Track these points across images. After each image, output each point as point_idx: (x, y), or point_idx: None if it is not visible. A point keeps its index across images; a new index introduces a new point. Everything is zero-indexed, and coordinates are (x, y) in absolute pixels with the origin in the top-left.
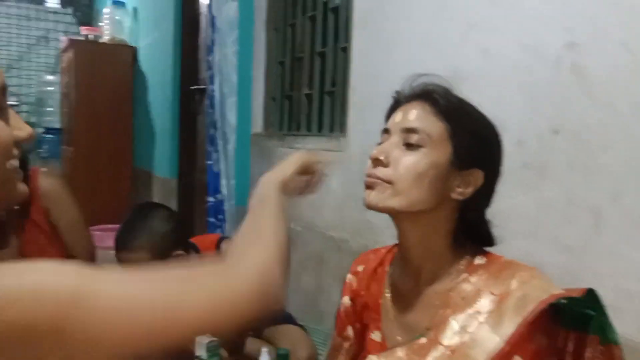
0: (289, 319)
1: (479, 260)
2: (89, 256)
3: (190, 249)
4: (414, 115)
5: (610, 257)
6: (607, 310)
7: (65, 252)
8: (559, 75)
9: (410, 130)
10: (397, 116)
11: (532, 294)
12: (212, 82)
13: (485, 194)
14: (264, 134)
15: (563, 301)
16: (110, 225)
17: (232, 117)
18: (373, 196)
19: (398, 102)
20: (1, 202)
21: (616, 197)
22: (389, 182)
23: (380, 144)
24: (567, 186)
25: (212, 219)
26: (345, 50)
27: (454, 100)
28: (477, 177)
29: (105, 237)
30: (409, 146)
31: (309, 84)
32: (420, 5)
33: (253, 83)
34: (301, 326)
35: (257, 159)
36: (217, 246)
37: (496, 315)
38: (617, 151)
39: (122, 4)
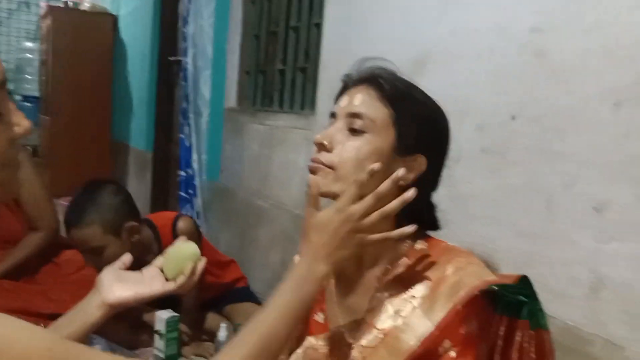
0: (249, 297)
1: (419, 245)
2: (53, 230)
3: (144, 222)
4: (359, 100)
5: (562, 244)
6: (538, 296)
7: (29, 225)
8: (524, 59)
9: (354, 115)
10: (344, 100)
11: (465, 280)
12: (185, 55)
13: (429, 179)
14: (237, 108)
15: (495, 288)
16: None
17: (206, 90)
18: (316, 180)
19: (346, 86)
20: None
21: (569, 184)
22: (331, 167)
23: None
24: (525, 172)
25: (182, 193)
26: (319, 26)
27: (400, 86)
28: (420, 162)
29: None
30: (353, 131)
31: (283, 59)
32: None
33: (228, 56)
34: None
35: (229, 133)
36: (174, 224)
37: (430, 300)
38: (572, 137)
39: None
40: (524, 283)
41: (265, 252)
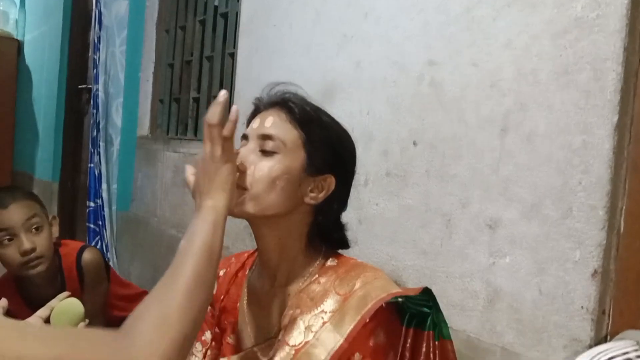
0: None
1: (330, 262)
2: None
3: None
4: (270, 122)
5: (459, 259)
6: (439, 307)
7: None
8: (420, 90)
9: (266, 137)
10: (255, 122)
11: (372, 293)
12: (96, 81)
13: (338, 198)
14: (149, 137)
15: (400, 299)
16: None
17: (117, 118)
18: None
19: (257, 109)
20: None
21: (464, 203)
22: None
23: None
24: (424, 193)
25: (91, 225)
26: (233, 55)
27: (309, 110)
28: (330, 182)
29: None
30: (265, 153)
31: (197, 87)
32: (302, 15)
33: (141, 84)
34: None
35: (141, 162)
36: (79, 255)
37: (339, 315)
38: (465, 161)
39: None
40: (426, 295)
41: None
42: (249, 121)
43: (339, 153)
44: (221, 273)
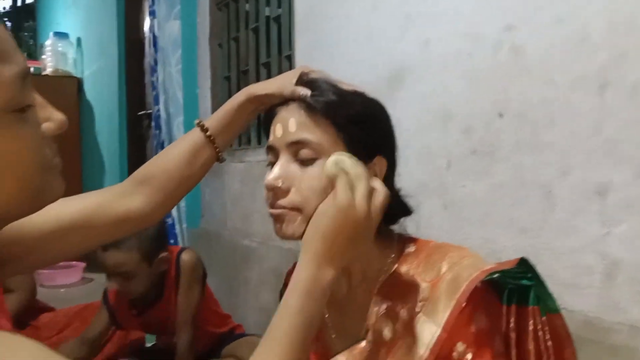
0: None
1: (408, 248)
2: (28, 292)
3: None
4: (294, 124)
5: (565, 233)
6: (542, 278)
7: (2, 287)
8: (499, 59)
9: (297, 144)
10: (278, 130)
11: (462, 274)
12: (157, 103)
13: (391, 174)
14: None
15: (495, 275)
16: (63, 264)
17: (179, 137)
18: (285, 229)
19: (271, 112)
20: (39, 203)
21: (565, 172)
22: (296, 209)
23: (270, 164)
24: (517, 167)
25: None
26: (290, 58)
27: (329, 94)
28: (381, 164)
29: (56, 275)
30: (303, 162)
31: None
32: (358, 3)
33: (199, 100)
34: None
35: (208, 176)
36: (178, 256)
37: (430, 303)
38: (560, 126)
39: (65, 35)
40: (524, 266)
41: (256, 293)
42: (265, 127)
43: (378, 128)
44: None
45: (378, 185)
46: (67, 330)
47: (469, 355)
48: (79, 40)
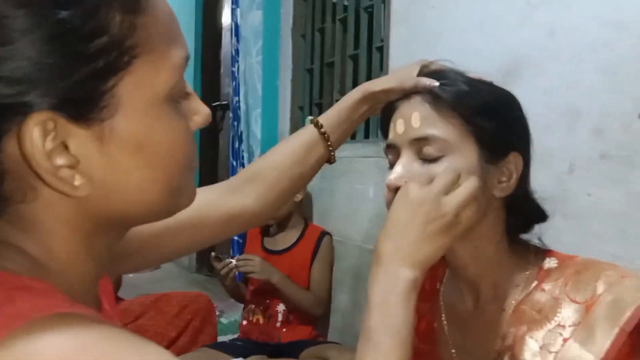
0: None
1: (549, 263)
2: (115, 285)
3: None
4: (418, 119)
5: None
6: None
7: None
8: None
9: (421, 140)
10: (399, 126)
11: (626, 297)
12: (236, 93)
13: (527, 171)
14: None
15: None
16: None
17: (257, 129)
18: None
19: (391, 107)
20: (174, 207)
21: None
22: None
23: (391, 166)
24: None
25: (240, 240)
26: (381, 49)
27: (459, 83)
28: (517, 161)
29: None
30: (428, 161)
31: (341, 88)
32: None
33: (280, 92)
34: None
35: None
36: (322, 233)
37: (584, 328)
38: None
39: None
40: None
41: (333, 293)
42: (384, 125)
43: (512, 120)
44: None
45: (469, 180)
46: (142, 318)
47: None
48: None
